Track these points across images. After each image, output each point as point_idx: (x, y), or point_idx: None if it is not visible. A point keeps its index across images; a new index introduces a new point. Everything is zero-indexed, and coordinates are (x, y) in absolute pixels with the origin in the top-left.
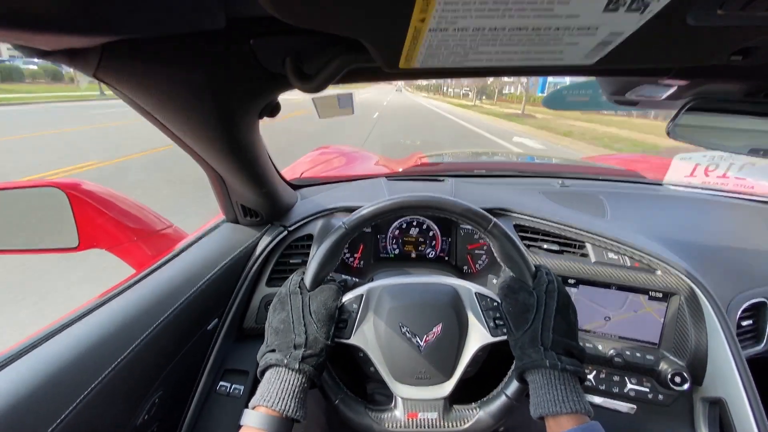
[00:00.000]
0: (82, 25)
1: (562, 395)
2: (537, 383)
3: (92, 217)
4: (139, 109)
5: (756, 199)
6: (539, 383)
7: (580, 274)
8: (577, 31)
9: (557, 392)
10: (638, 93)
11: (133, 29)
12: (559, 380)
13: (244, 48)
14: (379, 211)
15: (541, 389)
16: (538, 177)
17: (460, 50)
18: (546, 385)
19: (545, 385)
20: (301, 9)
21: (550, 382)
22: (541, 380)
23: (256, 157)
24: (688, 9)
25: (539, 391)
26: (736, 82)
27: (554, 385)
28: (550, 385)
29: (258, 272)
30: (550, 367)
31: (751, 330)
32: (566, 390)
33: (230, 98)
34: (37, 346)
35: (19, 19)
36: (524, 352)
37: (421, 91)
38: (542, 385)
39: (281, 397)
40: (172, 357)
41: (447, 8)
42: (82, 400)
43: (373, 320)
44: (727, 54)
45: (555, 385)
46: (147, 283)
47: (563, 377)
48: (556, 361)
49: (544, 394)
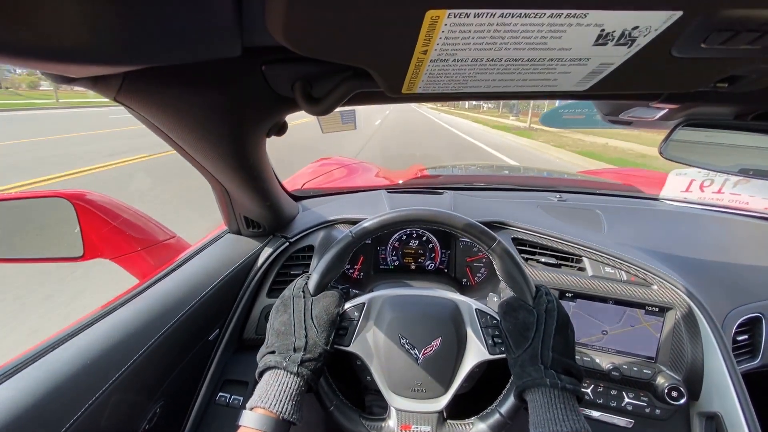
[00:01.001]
0: (109, 55)
1: (562, 414)
2: (537, 402)
3: (97, 227)
4: (154, 129)
5: (751, 215)
6: (539, 402)
7: (578, 288)
8: (570, 62)
9: (557, 411)
10: (631, 114)
11: (156, 58)
12: (558, 399)
13: (257, 73)
14: (386, 223)
15: (541, 408)
16: (535, 191)
17: (459, 78)
18: (546, 404)
19: (545, 404)
20: (312, 42)
21: (551, 401)
22: (541, 399)
23: (261, 173)
24: (673, 43)
25: (539, 410)
26: (725, 105)
27: (554, 404)
28: (550, 404)
29: (259, 283)
30: (551, 386)
31: (746, 345)
32: (566, 409)
33: (241, 119)
34: (43, 356)
35: (53, 51)
36: (524, 370)
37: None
38: (542, 404)
39: (278, 399)
40: (173, 367)
41: (447, 42)
42: (86, 410)
43: (374, 329)
44: (712, 82)
45: (555, 404)
46: (150, 293)
47: (563, 396)
48: (556, 380)
49: (544, 413)
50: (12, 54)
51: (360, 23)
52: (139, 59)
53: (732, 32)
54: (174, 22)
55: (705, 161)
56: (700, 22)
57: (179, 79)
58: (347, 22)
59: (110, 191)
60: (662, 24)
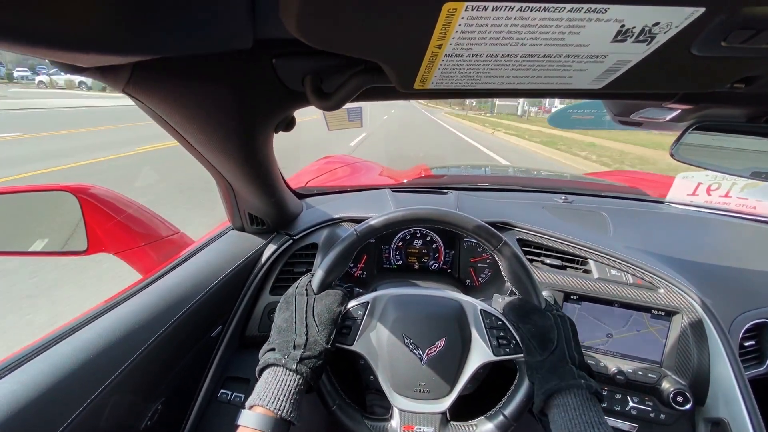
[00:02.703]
0: (120, 45)
1: (597, 417)
2: (569, 405)
3: (101, 222)
4: (161, 122)
5: (758, 219)
6: (572, 405)
7: (583, 291)
8: (586, 59)
9: (592, 414)
10: (642, 115)
11: (166, 49)
12: (591, 401)
13: (267, 67)
14: (391, 221)
15: (575, 411)
16: (540, 192)
17: (472, 74)
18: (581, 407)
19: (580, 407)
20: (325, 34)
21: (584, 403)
22: (574, 402)
23: (267, 169)
24: (693, 40)
25: (573, 413)
26: (739, 107)
27: (588, 407)
28: (584, 407)
29: (262, 280)
30: (585, 388)
31: (753, 351)
32: (598, 412)
33: (250, 113)
34: (45, 350)
35: (64, 40)
36: (553, 373)
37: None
38: (576, 406)
39: (277, 396)
40: (176, 363)
41: (463, 36)
42: (88, 405)
43: (377, 329)
44: (730, 82)
45: (589, 406)
46: (154, 288)
47: (594, 399)
48: (589, 381)
49: (579, 415)
50: (23, 42)
51: (376, 14)
52: (150, 49)
53: (753, 31)
54: (186, 12)
55: (717, 164)
56: (723, 20)
57: (189, 71)
58: (363, 14)
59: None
60: (684, 21)
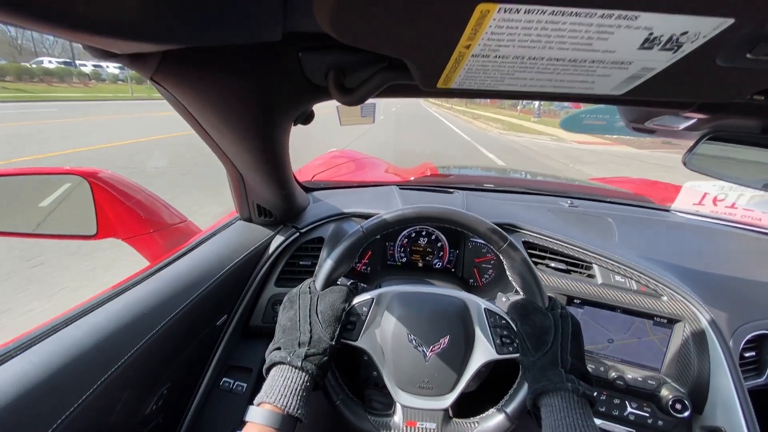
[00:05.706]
0: (154, 32)
1: (581, 420)
2: (555, 407)
3: (112, 207)
4: (182, 111)
5: (763, 231)
6: (558, 407)
7: (586, 295)
8: (611, 65)
9: (577, 416)
10: (657, 122)
11: (197, 39)
12: (578, 404)
13: (293, 60)
14: (399, 219)
15: (560, 413)
16: (546, 195)
17: (497, 75)
18: (566, 409)
19: (565, 409)
20: (356, 30)
21: (570, 405)
22: (560, 404)
23: (281, 161)
24: (719, 51)
25: (557, 415)
26: (755, 118)
27: (573, 409)
28: (569, 409)
29: (268, 272)
30: (572, 391)
31: (753, 362)
32: (584, 415)
33: (272, 105)
34: (56, 332)
35: (101, 25)
36: (543, 374)
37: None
38: (561, 408)
39: (284, 393)
40: (181, 350)
41: (493, 37)
42: (97, 388)
43: (382, 325)
44: (750, 93)
45: (574, 408)
46: (163, 275)
47: (581, 402)
48: (577, 385)
49: (563, 417)
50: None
51: (409, 12)
52: (182, 38)
53: None
54: (219, 3)
55: (729, 174)
56: (751, 31)
57: (216, 61)
58: (395, 11)
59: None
60: (712, 31)
